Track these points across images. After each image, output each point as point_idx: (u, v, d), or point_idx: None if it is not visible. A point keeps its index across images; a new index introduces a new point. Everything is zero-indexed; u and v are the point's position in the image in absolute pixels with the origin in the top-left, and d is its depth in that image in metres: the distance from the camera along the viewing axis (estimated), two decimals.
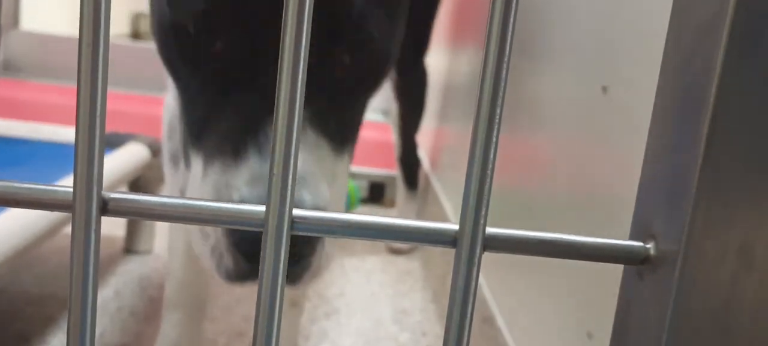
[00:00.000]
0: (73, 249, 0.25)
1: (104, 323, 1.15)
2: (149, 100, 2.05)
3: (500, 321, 0.92)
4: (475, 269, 0.25)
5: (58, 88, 2.00)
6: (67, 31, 2.17)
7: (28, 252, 0.99)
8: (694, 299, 0.24)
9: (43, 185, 0.25)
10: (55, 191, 0.25)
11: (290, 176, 0.24)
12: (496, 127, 0.24)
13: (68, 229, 1.21)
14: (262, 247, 0.25)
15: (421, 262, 1.56)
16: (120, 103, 1.98)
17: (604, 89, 0.67)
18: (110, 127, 1.55)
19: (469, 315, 0.26)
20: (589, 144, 0.70)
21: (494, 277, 1.02)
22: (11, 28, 2.09)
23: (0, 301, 1.19)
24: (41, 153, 1.36)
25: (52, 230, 1.06)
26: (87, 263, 0.25)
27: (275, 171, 0.24)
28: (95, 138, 0.24)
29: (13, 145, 1.34)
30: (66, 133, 1.46)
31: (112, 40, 0.25)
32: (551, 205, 0.80)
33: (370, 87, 0.61)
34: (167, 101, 0.82)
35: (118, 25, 3.75)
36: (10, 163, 1.30)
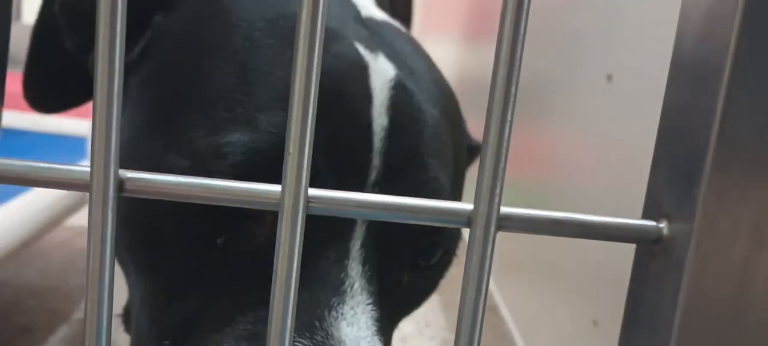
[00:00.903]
0: (91, 228, 0.25)
1: None
2: None
3: (504, 311, 0.92)
4: (489, 247, 0.25)
5: None
6: None
7: (30, 245, 0.99)
8: (707, 278, 0.25)
9: (61, 164, 0.25)
10: (72, 171, 0.25)
11: (306, 155, 0.24)
12: (511, 106, 0.24)
13: (69, 222, 1.21)
14: (278, 227, 0.25)
15: None
16: None
17: (609, 77, 0.68)
18: None
19: (483, 295, 0.26)
20: (594, 131, 0.71)
21: (499, 267, 1.03)
22: (13, 22, 2.08)
23: (3, 293, 1.19)
24: (44, 144, 1.36)
25: (54, 222, 1.06)
26: (104, 242, 0.25)
27: (291, 150, 0.24)
28: (112, 117, 0.24)
29: (16, 136, 1.34)
30: (67, 125, 1.46)
31: None
32: (557, 192, 0.80)
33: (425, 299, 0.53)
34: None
35: None
36: (13, 154, 1.30)
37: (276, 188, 0.25)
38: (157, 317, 0.44)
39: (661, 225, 0.26)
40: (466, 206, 0.26)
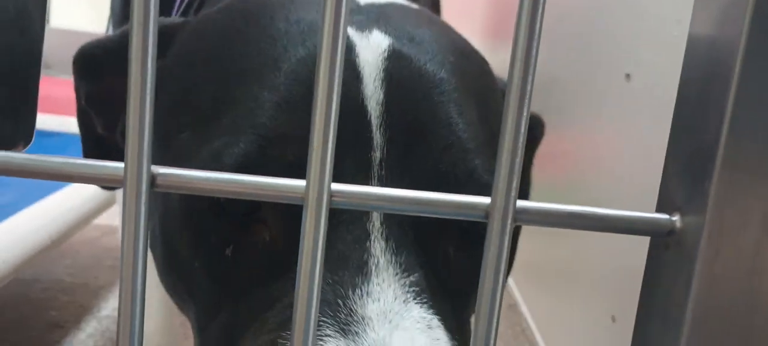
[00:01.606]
0: (125, 222, 0.26)
1: None
2: None
3: (524, 308, 0.93)
4: (506, 239, 0.26)
5: None
6: (95, 29, 2.20)
7: (60, 243, 1.01)
8: (718, 268, 0.25)
9: (96, 161, 0.27)
10: (108, 167, 0.26)
11: (329, 151, 0.25)
12: (526, 102, 0.25)
13: (97, 221, 1.23)
14: (303, 221, 0.26)
15: None
16: None
17: (628, 76, 0.68)
18: None
19: (501, 286, 0.27)
20: (612, 129, 0.71)
21: (518, 266, 1.03)
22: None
23: (34, 289, 1.22)
24: (71, 145, 1.39)
25: (83, 222, 1.09)
26: (138, 234, 0.26)
27: (315, 145, 0.25)
28: (145, 116, 0.25)
29: (45, 137, 1.37)
30: None
31: None
32: (576, 189, 0.80)
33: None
34: None
35: None
36: (42, 153, 1.33)
37: (300, 182, 0.26)
38: (198, 330, 0.46)
39: (674, 218, 0.27)
40: (483, 199, 0.27)
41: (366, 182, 0.41)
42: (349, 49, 0.43)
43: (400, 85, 0.43)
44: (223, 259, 0.43)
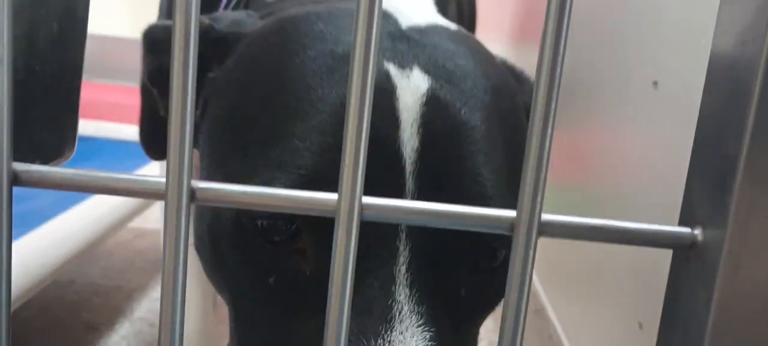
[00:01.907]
0: (166, 234, 0.27)
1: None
2: None
3: (551, 313, 0.93)
4: (531, 252, 0.27)
5: (121, 88, 2.08)
6: (129, 34, 2.24)
7: (95, 246, 1.04)
8: (739, 282, 0.26)
9: (138, 176, 0.28)
10: (150, 182, 0.28)
11: (360, 164, 0.26)
12: (551, 119, 0.26)
13: (131, 224, 1.25)
14: (334, 233, 0.27)
15: None
16: None
17: (655, 84, 0.68)
18: None
19: (526, 298, 0.28)
20: (639, 137, 0.71)
21: (545, 270, 1.04)
22: None
23: (69, 292, 1.24)
24: (106, 150, 1.41)
25: (117, 225, 1.11)
26: (178, 246, 0.27)
27: (347, 161, 0.26)
28: (185, 136, 0.27)
29: (80, 142, 1.40)
30: (128, 131, 1.51)
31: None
32: (603, 196, 0.81)
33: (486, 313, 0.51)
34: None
35: None
36: (76, 159, 1.36)
37: (333, 196, 0.27)
38: (236, 339, 0.48)
39: (696, 232, 0.28)
40: (509, 213, 0.28)
41: (395, 226, 0.42)
42: (390, 93, 0.44)
43: (435, 133, 0.44)
44: (263, 281, 0.45)
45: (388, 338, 0.40)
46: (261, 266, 0.44)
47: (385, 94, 0.44)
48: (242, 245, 0.45)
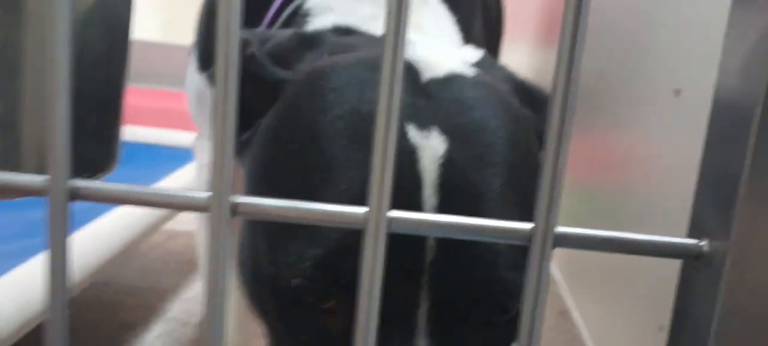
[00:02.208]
0: (211, 246, 0.30)
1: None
2: None
3: (576, 315, 0.94)
4: (546, 263, 0.29)
5: (152, 92, 2.13)
6: (159, 38, 2.29)
7: (130, 249, 1.07)
8: (742, 291, 0.28)
9: (182, 190, 0.31)
10: (194, 197, 0.30)
11: (387, 176, 0.29)
12: (566, 135, 0.28)
13: (165, 226, 1.28)
14: (363, 246, 0.29)
15: None
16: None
17: (677, 92, 0.70)
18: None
19: (542, 306, 0.30)
20: (661, 145, 0.73)
21: (570, 274, 1.05)
22: None
23: (105, 292, 1.28)
24: (139, 154, 1.45)
25: (152, 228, 1.14)
26: (220, 257, 0.30)
27: (376, 177, 0.29)
28: (227, 154, 0.29)
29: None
30: (161, 135, 1.55)
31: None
32: (624, 204, 0.82)
33: None
34: None
35: None
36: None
37: (361, 209, 0.30)
38: None
39: (702, 243, 0.30)
40: (526, 225, 0.30)
41: (415, 285, 0.46)
42: (412, 154, 0.47)
43: (452, 194, 0.47)
44: (294, 334, 0.49)
45: None
46: (293, 321, 0.49)
47: (407, 156, 0.47)
48: (277, 299, 0.49)
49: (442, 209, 0.46)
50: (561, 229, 0.29)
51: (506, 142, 0.50)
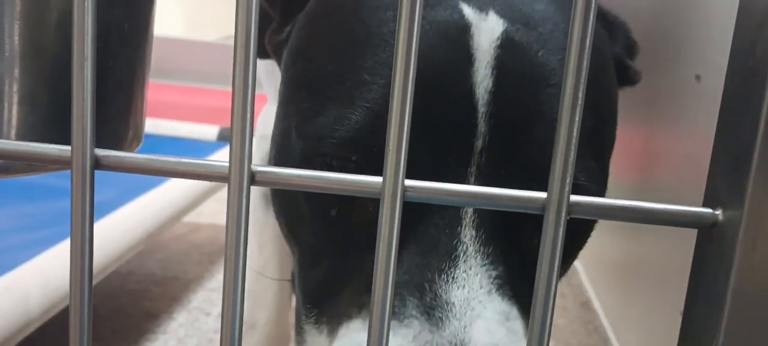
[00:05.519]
0: (229, 214, 0.30)
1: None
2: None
3: (596, 304, 0.94)
4: (561, 230, 0.29)
5: (176, 87, 2.15)
6: (181, 35, 2.31)
7: (154, 238, 1.09)
8: (755, 258, 0.28)
9: (204, 160, 0.31)
10: (214, 165, 0.31)
11: (403, 149, 0.29)
12: (579, 107, 0.28)
13: (186, 218, 1.29)
14: (379, 213, 0.30)
15: None
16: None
17: (698, 77, 0.69)
18: (204, 118, 1.65)
19: (556, 274, 0.30)
20: (682, 130, 0.72)
21: (591, 263, 1.05)
22: None
23: (129, 282, 1.30)
24: (162, 147, 1.47)
25: (174, 219, 1.16)
26: (240, 225, 0.30)
27: (390, 147, 0.29)
28: (246, 126, 0.30)
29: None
30: (182, 128, 1.56)
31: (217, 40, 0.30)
32: (644, 187, 0.82)
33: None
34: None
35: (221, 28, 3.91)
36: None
37: (377, 179, 0.30)
38: (302, 284, 0.50)
39: (717, 212, 0.30)
40: (540, 194, 0.30)
41: (465, 168, 0.43)
42: (465, 30, 0.44)
43: (510, 76, 0.43)
44: (328, 221, 0.46)
45: (452, 274, 0.41)
46: (324, 196, 0.46)
47: (459, 32, 0.44)
48: (308, 197, 0.47)
49: (497, 92, 0.43)
50: (575, 197, 0.30)
51: None
